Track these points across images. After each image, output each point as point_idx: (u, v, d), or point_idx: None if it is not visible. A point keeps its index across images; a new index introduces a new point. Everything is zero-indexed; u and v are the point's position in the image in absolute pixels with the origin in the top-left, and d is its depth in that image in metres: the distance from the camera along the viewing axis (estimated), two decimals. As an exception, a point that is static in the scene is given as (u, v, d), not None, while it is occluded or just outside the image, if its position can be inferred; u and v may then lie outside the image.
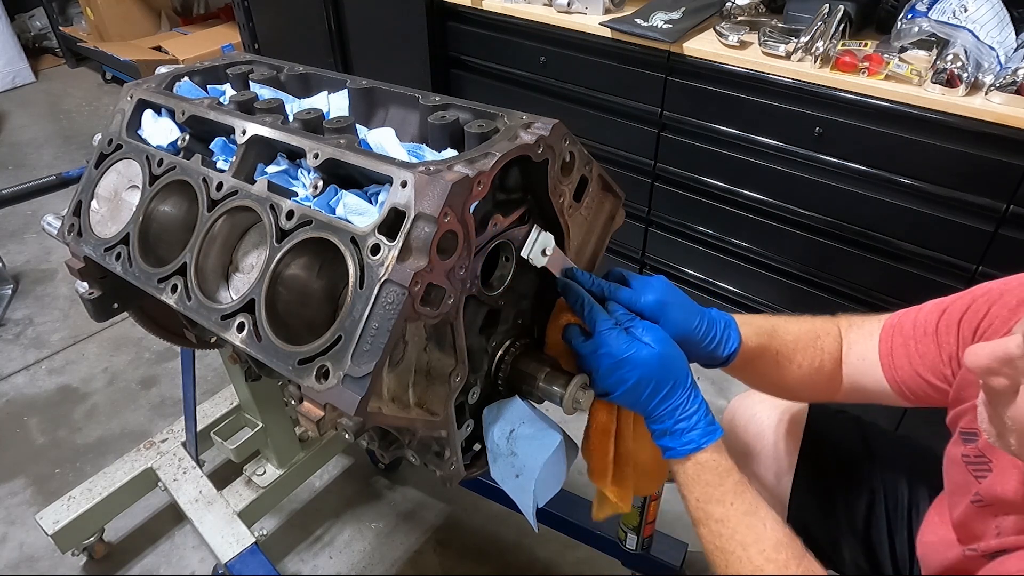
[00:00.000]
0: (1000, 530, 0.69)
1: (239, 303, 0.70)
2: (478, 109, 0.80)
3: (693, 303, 0.79)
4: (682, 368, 0.73)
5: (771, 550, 0.69)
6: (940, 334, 0.79)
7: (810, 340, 0.87)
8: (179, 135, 0.88)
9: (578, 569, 1.60)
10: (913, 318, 0.83)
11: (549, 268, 0.76)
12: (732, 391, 2.06)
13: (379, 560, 1.62)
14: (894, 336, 0.83)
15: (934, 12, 1.38)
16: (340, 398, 0.61)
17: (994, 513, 0.70)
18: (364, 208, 0.68)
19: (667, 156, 1.88)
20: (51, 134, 3.71)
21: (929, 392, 0.80)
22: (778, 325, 0.87)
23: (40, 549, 1.63)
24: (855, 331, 0.89)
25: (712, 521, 0.72)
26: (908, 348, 0.81)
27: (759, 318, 0.86)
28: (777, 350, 0.85)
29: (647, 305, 0.76)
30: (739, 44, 1.62)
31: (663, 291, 0.77)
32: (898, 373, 0.82)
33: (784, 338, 0.86)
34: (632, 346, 0.72)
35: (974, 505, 0.72)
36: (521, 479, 0.77)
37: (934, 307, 0.81)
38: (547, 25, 1.92)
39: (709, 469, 0.72)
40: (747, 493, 0.72)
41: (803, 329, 0.88)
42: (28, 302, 2.47)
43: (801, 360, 0.86)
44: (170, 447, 1.59)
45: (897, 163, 1.48)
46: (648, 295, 0.77)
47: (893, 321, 0.85)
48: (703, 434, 0.72)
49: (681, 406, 0.73)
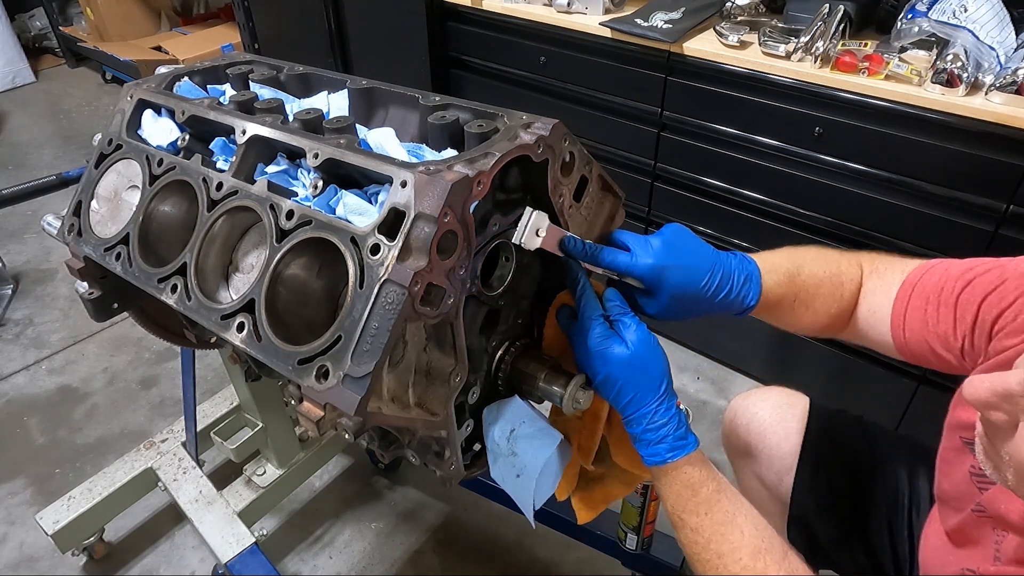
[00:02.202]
0: (999, 551, 0.68)
1: (239, 303, 0.70)
2: (478, 109, 0.80)
3: (703, 258, 0.76)
4: (655, 377, 0.72)
5: (748, 558, 0.69)
6: (960, 307, 0.73)
7: (833, 287, 0.83)
8: (179, 135, 0.88)
9: (578, 569, 1.60)
10: (936, 281, 0.77)
11: (546, 248, 0.74)
12: (732, 391, 2.06)
13: (379, 560, 1.62)
14: (912, 297, 0.78)
15: (934, 12, 1.38)
16: (340, 398, 0.61)
17: (993, 526, 0.70)
18: (364, 208, 0.68)
19: (667, 156, 1.88)
20: (51, 134, 3.71)
21: (930, 359, 0.78)
22: (804, 266, 0.83)
23: (40, 549, 1.63)
24: (875, 280, 0.84)
25: (687, 529, 0.72)
26: (925, 313, 0.77)
27: (786, 258, 0.82)
28: (796, 296, 0.82)
29: (643, 272, 0.74)
30: (739, 44, 1.62)
31: (662, 254, 0.74)
32: (907, 335, 0.79)
33: (807, 283, 0.82)
34: (605, 342, 0.71)
35: (975, 514, 0.72)
36: (521, 479, 0.77)
37: (961, 274, 0.75)
38: (547, 25, 1.92)
39: (680, 481, 0.72)
40: (722, 502, 0.72)
41: (828, 272, 0.84)
42: (28, 302, 2.47)
43: (819, 306, 0.83)
44: (170, 447, 1.59)
45: (897, 163, 1.48)
46: (645, 258, 0.74)
47: (915, 278, 0.80)
48: (669, 448, 0.71)
49: (649, 415, 0.71)
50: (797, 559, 0.71)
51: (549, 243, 0.74)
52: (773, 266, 0.80)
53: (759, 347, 2.01)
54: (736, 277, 0.77)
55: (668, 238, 0.76)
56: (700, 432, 2.10)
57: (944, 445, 0.78)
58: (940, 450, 0.79)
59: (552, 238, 0.74)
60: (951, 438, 0.77)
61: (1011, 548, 0.67)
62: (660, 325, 2.23)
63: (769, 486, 1.06)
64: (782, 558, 0.69)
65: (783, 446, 1.03)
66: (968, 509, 0.72)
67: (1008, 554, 0.67)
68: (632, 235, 0.79)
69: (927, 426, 0.84)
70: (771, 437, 1.05)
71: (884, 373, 1.71)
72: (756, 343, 2.01)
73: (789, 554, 0.71)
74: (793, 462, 1.02)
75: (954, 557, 0.76)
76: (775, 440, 1.04)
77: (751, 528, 0.71)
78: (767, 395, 1.09)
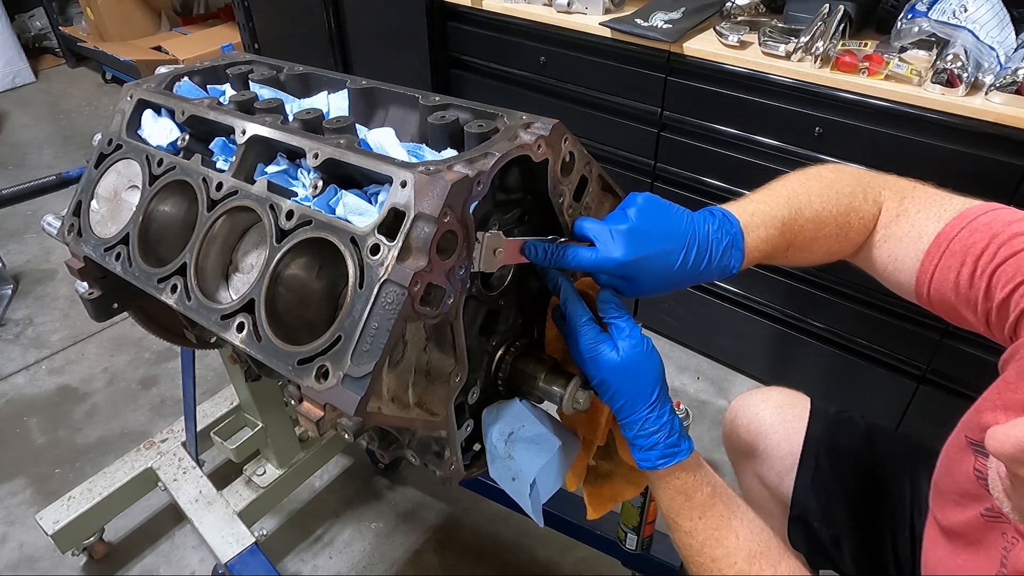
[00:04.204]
0: (1007, 559, 0.67)
1: (239, 303, 0.70)
2: (478, 109, 0.79)
3: (674, 238, 0.69)
4: (646, 385, 0.70)
5: (743, 562, 0.68)
6: (996, 278, 0.65)
7: (838, 227, 0.76)
8: (179, 135, 0.88)
9: (578, 569, 1.60)
10: (977, 241, 0.67)
11: (509, 263, 0.71)
12: (732, 391, 2.06)
13: (379, 560, 1.62)
14: (945, 255, 0.70)
15: (934, 12, 1.38)
16: (340, 398, 0.61)
17: (1003, 532, 0.69)
18: (364, 208, 0.68)
19: (667, 156, 1.88)
20: (51, 134, 3.71)
21: (953, 317, 0.72)
22: (805, 207, 0.75)
23: (40, 549, 1.63)
24: (903, 224, 0.75)
25: (681, 532, 0.72)
26: (958, 275, 0.69)
27: (785, 201, 0.75)
28: (791, 243, 0.75)
29: (610, 268, 0.69)
30: (739, 44, 1.62)
31: (628, 245, 0.68)
32: (932, 293, 0.72)
33: (805, 227, 0.74)
34: (596, 348, 0.70)
35: (984, 518, 0.71)
36: (517, 482, 0.77)
37: (1008, 239, 0.65)
38: (547, 25, 1.92)
39: (673, 487, 0.72)
40: (717, 506, 0.71)
41: (835, 212, 0.75)
42: (28, 302, 2.47)
43: (817, 248, 0.77)
44: (170, 447, 1.59)
45: (897, 163, 1.48)
46: (611, 252, 0.69)
47: (951, 231, 0.70)
48: (659, 455, 0.70)
49: (640, 422, 0.70)
50: (795, 562, 0.70)
51: (511, 257, 0.71)
52: (765, 218, 0.73)
53: (759, 347, 2.01)
54: (715, 247, 0.70)
55: (634, 225, 0.69)
56: (700, 432, 2.10)
57: (950, 441, 0.77)
58: (945, 445, 0.78)
59: (512, 251, 0.70)
60: (958, 435, 0.76)
61: (1021, 559, 0.65)
62: (660, 325, 2.23)
63: (770, 486, 1.06)
64: (778, 562, 0.69)
65: (784, 446, 1.03)
66: (976, 511, 0.71)
67: (1017, 566, 0.65)
68: (595, 225, 0.72)
69: (927, 426, 0.84)
70: (772, 437, 1.05)
71: (884, 373, 1.71)
72: (756, 343, 2.01)
73: (786, 557, 0.70)
74: (794, 462, 1.02)
75: (955, 561, 0.75)
76: (776, 440, 1.04)
77: (747, 532, 0.70)
78: (768, 395, 1.09)
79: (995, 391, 0.67)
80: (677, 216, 0.71)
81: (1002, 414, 0.64)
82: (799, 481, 1.01)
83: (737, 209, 0.75)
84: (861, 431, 1.03)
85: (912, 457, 0.98)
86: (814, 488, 1.00)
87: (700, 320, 2.12)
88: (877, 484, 0.97)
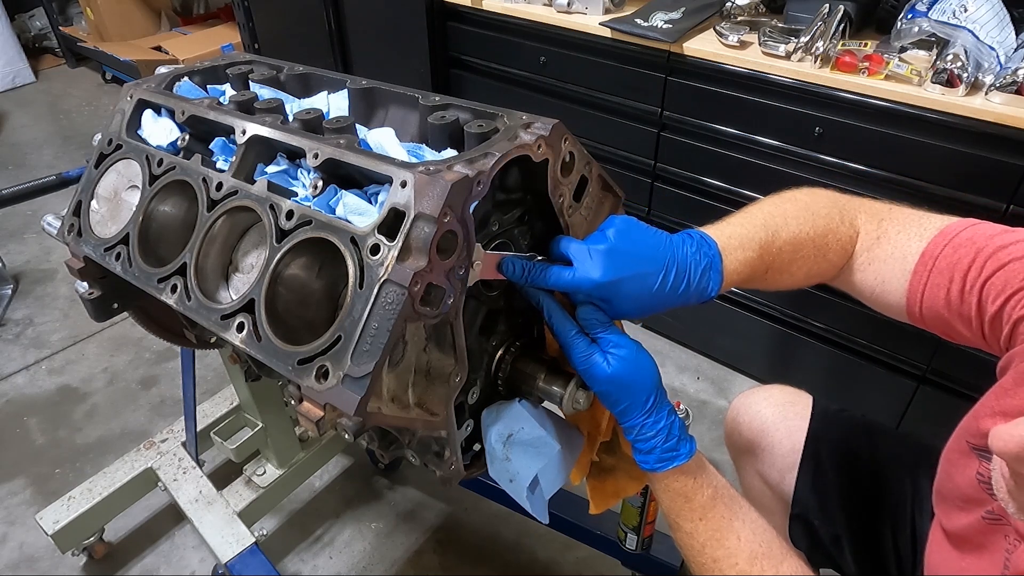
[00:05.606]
0: (1009, 561, 0.67)
1: (239, 303, 0.70)
2: (478, 109, 0.79)
3: (652, 260, 0.69)
4: (640, 392, 0.70)
5: (744, 563, 0.68)
6: (986, 292, 0.66)
7: (816, 248, 0.76)
8: (179, 135, 0.88)
9: (578, 569, 1.60)
10: (963, 257, 0.68)
11: (487, 278, 0.70)
12: (732, 391, 2.06)
13: (379, 560, 1.62)
14: (932, 273, 0.70)
15: (934, 12, 1.38)
16: (340, 398, 0.61)
17: (1005, 534, 0.69)
18: (364, 208, 0.68)
19: (667, 156, 1.88)
20: (51, 134, 3.71)
21: (949, 333, 0.73)
22: (782, 229, 0.75)
23: (40, 549, 1.63)
24: (884, 247, 0.75)
25: (682, 533, 0.72)
26: (947, 292, 0.69)
27: (762, 224, 0.75)
28: (769, 266, 0.75)
29: (588, 289, 0.69)
30: (739, 44, 1.62)
31: (606, 266, 0.68)
32: (924, 312, 0.72)
33: (783, 249, 0.75)
34: (588, 360, 0.70)
35: (985, 521, 0.71)
36: (515, 484, 0.77)
37: (993, 252, 0.66)
38: (547, 25, 1.92)
39: (672, 490, 0.72)
40: (718, 508, 0.71)
41: (812, 234, 0.75)
42: (28, 302, 2.47)
43: (796, 270, 0.77)
44: (170, 447, 1.59)
45: (897, 163, 1.48)
46: (589, 273, 0.68)
47: (935, 249, 0.70)
48: (657, 459, 0.71)
49: (637, 427, 0.71)
50: (797, 562, 0.70)
51: (488, 272, 0.69)
52: (743, 240, 0.73)
53: (759, 347, 2.01)
54: (692, 270, 0.70)
55: (613, 245, 0.69)
56: (700, 432, 2.10)
57: (950, 446, 0.78)
58: (945, 450, 0.79)
59: (490, 265, 0.69)
60: (958, 440, 0.76)
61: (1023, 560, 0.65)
62: (660, 325, 2.23)
63: (771, 484, 1.06)
64: (780, 562, 0.69)
65: (785, 444, 1.03)
66: (978, 514, 0.71)
67: (1020, 567, 0.65)
68: (575, 245, 0.72)
69: (927, 426, 0.84)
70: (773, 435, 1.05)
71: (884, 373, 1.71)
72: (756, 343, 2.01)
73: (789, 558, 0.70)
74: (795, 460, 1.02)
75: (959, 564, 0.75)
76: (777, 438, 1.04)
77: (748, 533, 0.70)
78: (770, 393, 1.09)
79: (992, 397, 0.68)
80: (656, 238, 0.72)
81: (1000, 420, 0.65)
82: (800, 479, 1.01)
83: (715, 232, 0.75)
84: (863, 430, 1.03)
85: (913, 456, 0.97)
86: (815, 486, 1.00)
87: (700, 320, 2.12)
88: (878, 483, 0.97)
